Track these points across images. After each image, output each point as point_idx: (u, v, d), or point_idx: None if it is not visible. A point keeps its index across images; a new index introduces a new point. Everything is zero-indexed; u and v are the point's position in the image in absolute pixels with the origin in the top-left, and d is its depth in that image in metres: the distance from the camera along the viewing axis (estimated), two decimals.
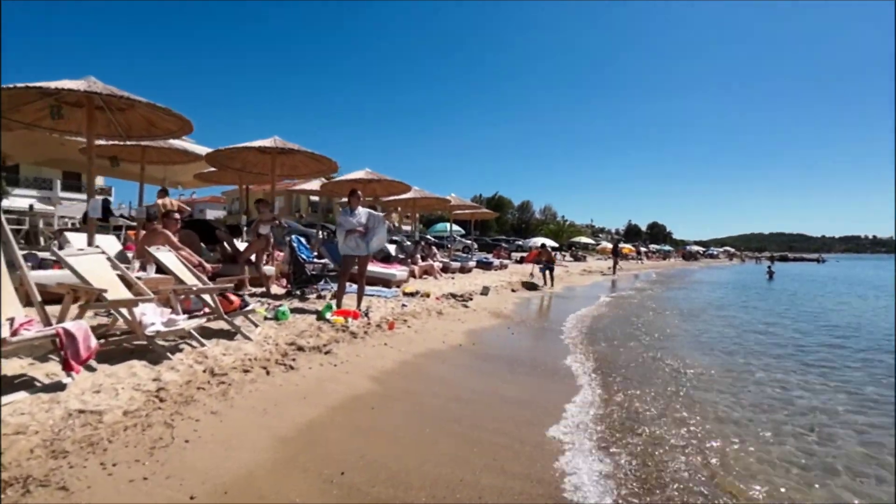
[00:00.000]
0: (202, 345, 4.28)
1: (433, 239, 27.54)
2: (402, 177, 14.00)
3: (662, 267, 38.38)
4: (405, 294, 9.06)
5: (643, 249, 50.73)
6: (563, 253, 34.71)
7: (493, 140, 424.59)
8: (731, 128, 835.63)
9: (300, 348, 4.62)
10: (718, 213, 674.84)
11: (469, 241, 24.07)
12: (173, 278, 4.82)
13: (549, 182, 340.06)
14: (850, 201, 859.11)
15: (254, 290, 7.60)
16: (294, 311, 6.32)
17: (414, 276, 12.62)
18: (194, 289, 4.58)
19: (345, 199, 7.25)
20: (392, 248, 14.19)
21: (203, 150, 9.24)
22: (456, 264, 15.43)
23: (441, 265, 14.45)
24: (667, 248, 66.26)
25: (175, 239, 6.26)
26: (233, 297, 4.86)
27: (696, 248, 71.60)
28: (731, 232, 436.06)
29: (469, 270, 16.15)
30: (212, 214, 46.68)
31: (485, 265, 17.79)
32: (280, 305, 5.99)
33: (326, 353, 4.67)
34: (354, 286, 7.06)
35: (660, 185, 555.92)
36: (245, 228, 9.57)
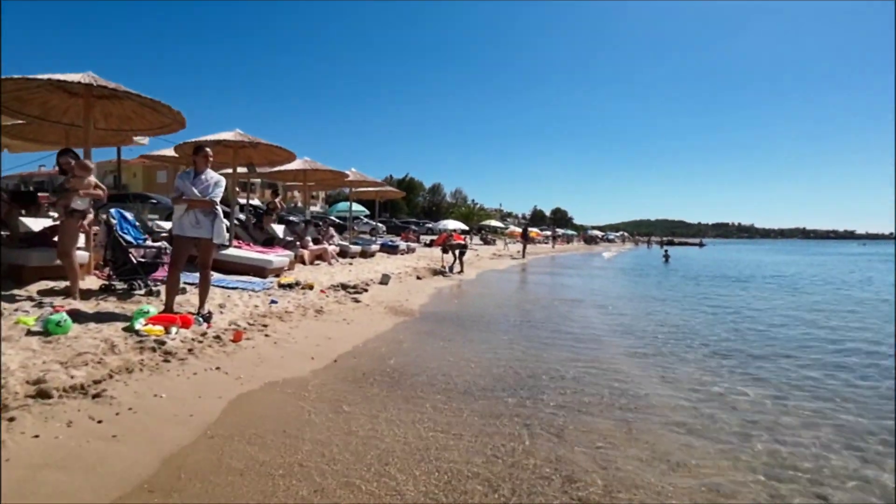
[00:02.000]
0: None
1: (335, 220, 25.32)
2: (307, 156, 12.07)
3: (569, 250, 39.33)
4: (281, 286, 7.22)
5: (557, 234, 52.14)
6: (473, 236, 33.98)
7: (404, 122, 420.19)
8: (625, 123, 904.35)
9: (44, 393, 2.75)
10: (612, 201, 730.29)
11: (375, 223, 22.22)
12: None
13: (461, 166, 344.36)
14: (721, 193, 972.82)
15: (53, 284, 5.36)
16: (99, 317, 4.32)
17: (303, 262, 10.72)
18: None
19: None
20: (280, 230, 12.14)
21: None
22: (356, 248, 13.65)
23: (337, 249, 12.61)
24: (570, 232, 69.01)
25: None
26: None
27: (597, 232, 75.55)
28: (623, 218, 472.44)
29: (372, 255, 14.45)
30: None
31: (390, 249, 16.16)
32: (56, 313, 3.94)
33: (95, 396, 2.84)
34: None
35: (562, 173, 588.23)
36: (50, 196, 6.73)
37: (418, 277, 11.00)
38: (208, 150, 4.97)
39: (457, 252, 13.55)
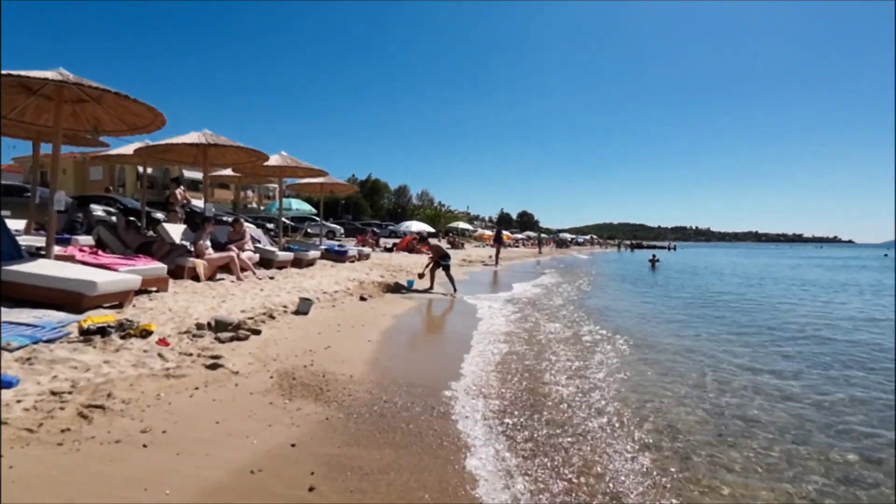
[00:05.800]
0: None
1: (287, 222, 21.58)
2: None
3: (547, 255, 36.60)
4: (83, 332, 3.83)
5: (546, 238, 50.18)
6: (440, 239, 30.79)
7: (368, 122, 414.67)
8: (589, 129, 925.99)
9: None
10: (576, 204, 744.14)
11: (321, 223, 18.66)
12: None
13: (428, 169, 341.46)
14: (678, 197, 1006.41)
15: None
16: None
17: (196, 279, 7.30)
18: None
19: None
20: (178, 232, 8.72)
21: None
22: (285, 255, 10.21)
23: (256, 258, 9.18)
24: (543, 235, 66.80)
25: None
26: None
27: (567, 236, 73.54)
28: (587, 221, 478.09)
29: (311, 263, 11.05)
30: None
31: (336, 255, 12.72)
32: None
33: None
34: None
35: (527, 177, 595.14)
36: None
37: (363, 298, 7.65)
38: None
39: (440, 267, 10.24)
